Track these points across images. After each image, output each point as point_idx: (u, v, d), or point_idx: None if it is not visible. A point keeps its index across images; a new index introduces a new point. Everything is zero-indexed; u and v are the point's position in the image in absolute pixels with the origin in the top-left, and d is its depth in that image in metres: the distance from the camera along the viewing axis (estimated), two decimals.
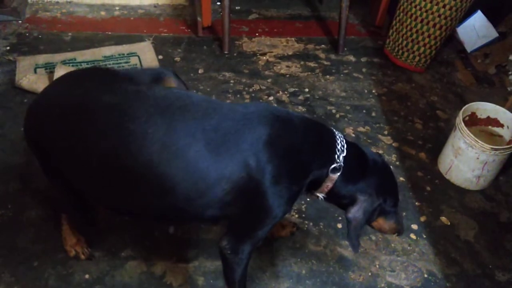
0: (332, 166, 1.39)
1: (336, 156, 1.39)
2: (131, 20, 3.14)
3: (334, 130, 1.46)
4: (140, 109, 1.26)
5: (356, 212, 1.42)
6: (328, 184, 1.42)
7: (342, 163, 1.39)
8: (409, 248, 1.98)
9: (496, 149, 2.07)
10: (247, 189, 1.29)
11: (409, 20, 2.76)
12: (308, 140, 1.38)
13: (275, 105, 2.58)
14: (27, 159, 2.14)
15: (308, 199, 2.09)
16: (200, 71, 2.76)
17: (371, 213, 1.45)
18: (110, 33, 2.99)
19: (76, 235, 1.79)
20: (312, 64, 2.92)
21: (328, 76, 2.84)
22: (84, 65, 2.62)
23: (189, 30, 3.09)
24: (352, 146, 1.47)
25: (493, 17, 3.01)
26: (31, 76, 2.46)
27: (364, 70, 2.93)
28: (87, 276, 1.76)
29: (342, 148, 1.40)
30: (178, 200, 1.30)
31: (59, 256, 1.80)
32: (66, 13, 3.12)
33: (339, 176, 1.41)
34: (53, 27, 2.99)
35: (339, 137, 1.44)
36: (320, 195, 1.48)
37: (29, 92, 2.46)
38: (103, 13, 3.17)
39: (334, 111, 2.60)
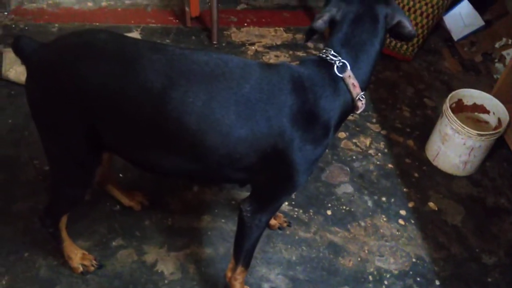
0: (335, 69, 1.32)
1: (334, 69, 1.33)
2: (118, 11, 3.12)
3: (325, 57, 1.35)
4: (182, 76, 1.28)
5: (410, 25, 1.37)
6: (353, 82, 1.34)
7: (340, 59, 1.33)
8: (397, 233, 2.00)
9: (482, 135, 2.10)
10: (274, 158, 1.33)
11: None
12: (320, 94, 1.33)
13: None
14: (16, 151, 2.13)
15: None
16: None
17: None
18: (97, 24, 2.96)
19: (79, 249, 1.76)
20: (300, 54, 2.93)
21: None
22: None
23: (177, 21, 3.08)
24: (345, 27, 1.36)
25: (479, 6, 3.03)
26: (18, 68, 2.44)
27: None
28: None
29: (333, 55, 1.33)
30: (210, 165, 1.36)
31: (50, 246, 1.79)
32: (53, 4, 3.09)
33: (350, 65, 1.33)
34: (40, 18, 2.96)
35: (327, 53, 1.35)
36: (361, 99, 1.36)
37: (16, 84, 2.44)
38: (90, 4, 3.14)
39: None
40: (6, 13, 2.95)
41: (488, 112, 2.32)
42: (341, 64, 1.33)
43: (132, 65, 1.28)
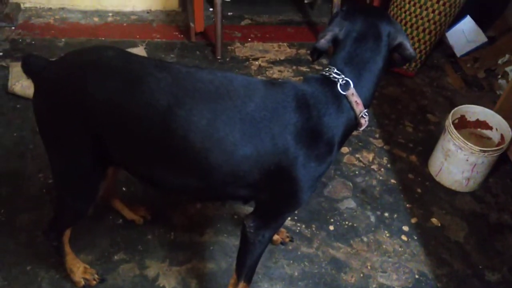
0: (338, 86, 1.33)
1: (338, 86, 1.34)
2: (124, 26, 3.16)
3: (329, 75, 1.37)
4: (187, 94, 1.29)
5: (410, 47, 1.40)
6: (356, 100, 1.35)
7: (343, 77, 1.34)
8: (400, 249, 2.00)
9: (485, 151, 2.10)
10: (278, 176, 1.34)
11: None
12: (324, 112, 1.34)
13: None
14: (21, 164, 2.15)
15: None
16: None
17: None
18: (103, 39, 3.00)
19: (81, 263, 1.77)
20: (304, 69, 2.95)
21: None
22: None
23: (182, 36, 3.12)
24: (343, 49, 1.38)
25: (482, 22, 3.05)
26: (24, 82, 2.47)
27: None
28: None
29: (336, 73, 1.35)
30: (214, 183, 1.37)
31: (52, 260, 1.80)
32: (59, 19, 3.14)
33: (353, 83, 1.35)
34: (46, 33, 3.00)
35: (330, 71, 1.37)
36: (364, 116, 1.38)
37: (22, 97, 2.47)
38: (96, 19, 3.19)
39: None
40: (13, 27, 3.00)
41: (491, 128, 2.32)
42: (344, 82, 1.34)
43: (139, 83, 1.30)
